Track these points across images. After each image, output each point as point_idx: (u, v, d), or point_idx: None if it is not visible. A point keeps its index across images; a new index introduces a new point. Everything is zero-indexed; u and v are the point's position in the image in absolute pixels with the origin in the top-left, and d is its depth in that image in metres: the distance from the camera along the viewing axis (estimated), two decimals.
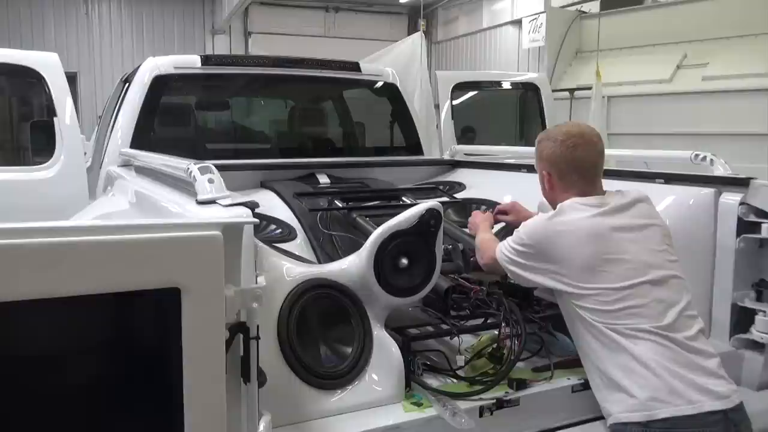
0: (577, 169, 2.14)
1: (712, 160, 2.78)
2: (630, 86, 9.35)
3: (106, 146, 3.77)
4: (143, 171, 2.98)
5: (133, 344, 1.42)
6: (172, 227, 1.34)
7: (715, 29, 8.83)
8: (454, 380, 2.07)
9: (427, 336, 2.19)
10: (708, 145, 3.27)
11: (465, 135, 5.28)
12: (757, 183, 2.48)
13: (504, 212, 2.64)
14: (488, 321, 2.25)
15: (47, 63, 3.90)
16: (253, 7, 13.41)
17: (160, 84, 3.70)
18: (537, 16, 11.29)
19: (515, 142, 5.46)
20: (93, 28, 12.74)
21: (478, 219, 2.58)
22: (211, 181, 1.86)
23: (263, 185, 3.35)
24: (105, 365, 1.38)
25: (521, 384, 2.06)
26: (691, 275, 2.16)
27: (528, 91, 5.49)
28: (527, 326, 2.15)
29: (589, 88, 8.19)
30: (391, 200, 3.13)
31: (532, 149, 2.34)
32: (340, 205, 2.88)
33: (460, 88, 5.09)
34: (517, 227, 2.19)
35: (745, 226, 2.47)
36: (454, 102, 4.97)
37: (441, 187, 3.51)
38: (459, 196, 3.41)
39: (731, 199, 2.50)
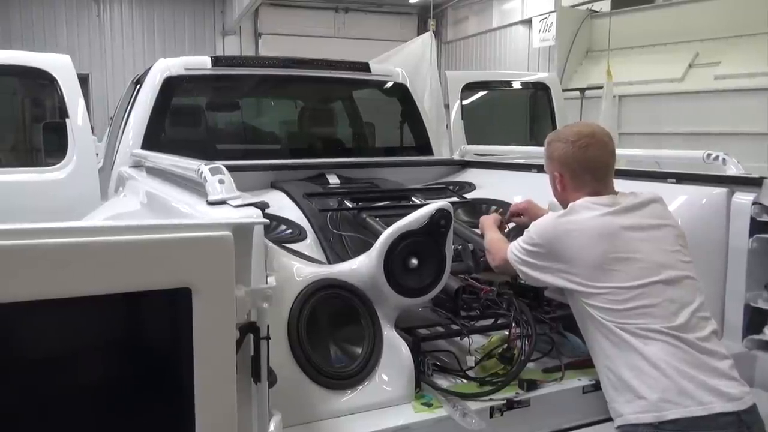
0: (589, 170, 2.13)
1: (724, 159, 2.76)
2: (641, 85, 9.30)
3: (118, 147, 3.79)
4: (154, 172, 2.99)
5: (145, 344, 1.43)
6: (182, 228, 1.35)
7: (727, 28, 8.77)
8: (464, 381, 2.06)
9: (437, 336, 2.19)
10: (720, 145, 3.26)
11: None
12: None
13: (518, 214, 2.62)
14: (498, 321, 2.25)
15: (59, 64, 3.92)
16: (263, 8, 13.47)
17: (170, 85, 3.71)
18: (547, 15, 11.26)
19: (525, 142, 5.43)
20: (105, 30, 12.84)
21: (487, 220, 2.57)
22: (221, 181, 1.87)
23: (273, 186, 3.36)
24: (117, 365, 1.39)
25: (532, 385, 2.05)
26: (704, 276, 2.14)
27: (538, 91, 5.46)
28: (538, 327, 2.15)
29: (600, 88, 8.14)
30: (400, 200, 3.12)
31: (542, 149, 2.34)
32: (350, 205, 2.88)
33: (469, 87, 5.07)
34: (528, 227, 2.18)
35: (758, 226, 2.45)
36: (464, 102, 4.96)
37: (451, 188, 3.50)
38: (469, 196, 3.40)
39: (744, 198, 2.48)
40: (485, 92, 5.41)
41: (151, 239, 1.29)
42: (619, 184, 2.21)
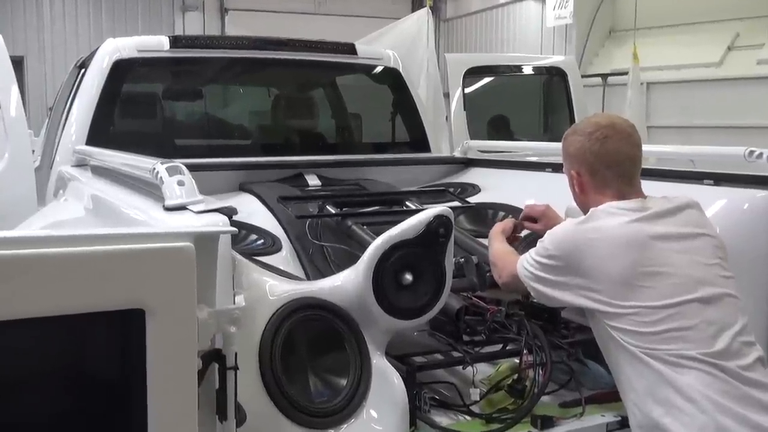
0: (610, 165, 2.14)
1: None
2: (673, 71, 9.37)
3: (58, 143, 3.79)
4: (101, 172, 2.99)
5: (90, 376, 1.42)
6: (135, 238, 1.35)
7: None
8: (468, 417, 2.07)
9: (436, 365, 2.19)
10: (764, 140, 3.27)
11: (495, 127, 5.26)
12: None
13: (532, 219, 2.62)
14: (507, 347, 2.25)
15: None
16: None
17: (121, 70, 3.72)
18: None
19: (539, 137, 5.46)
20: (43, 6, 12.78)
21: (495, 228, 2.57)
22: (180, 183, 1.87)
23: (242, 188, 3.37)
24: (57, 400, 1.38)
25: (547, 422, 2.06)
26: (746, 293, 2.15)
27: (553, 77, 5.51)
28: (553, 353, 2.15)
29: (625, 74, 8.20)
30: (392, 205, 3.13)
31: (557, 145, 2.35)
32: (333, 211, 2.88)
33: (473, 73, 5.11)
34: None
35: None
36: (467, 90, 4.98)
37: (451, 190, 3.52)
38: (472, 200, 3.41)
39: None
40: (491, 78, 5.44)
41: (97, 252, 1.28)
42: (647, 186, 2.22)
